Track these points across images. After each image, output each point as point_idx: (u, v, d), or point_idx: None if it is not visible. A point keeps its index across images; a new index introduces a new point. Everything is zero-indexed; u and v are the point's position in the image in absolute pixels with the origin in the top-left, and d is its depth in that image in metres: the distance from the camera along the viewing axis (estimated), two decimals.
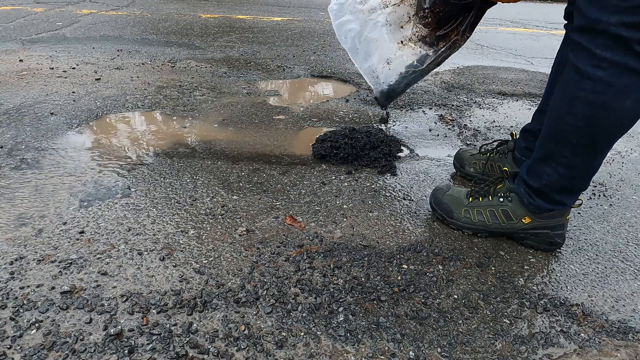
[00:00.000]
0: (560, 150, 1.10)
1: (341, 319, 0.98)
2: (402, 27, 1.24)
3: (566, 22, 1.25)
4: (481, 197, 1.29)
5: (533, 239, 1.25)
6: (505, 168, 1.33)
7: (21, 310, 0.94)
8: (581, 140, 1.06)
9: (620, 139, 2.10)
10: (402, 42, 1.25)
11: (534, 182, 1.18)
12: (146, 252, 1.13)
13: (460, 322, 1.00)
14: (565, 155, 1.10)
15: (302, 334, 0.94)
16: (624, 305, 1.09)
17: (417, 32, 1.23)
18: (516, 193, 1.24)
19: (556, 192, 1.17)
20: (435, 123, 2.13)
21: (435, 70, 1.63)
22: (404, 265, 1.16)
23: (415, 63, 1.26)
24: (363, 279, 1.10)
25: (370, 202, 1.43)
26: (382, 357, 0.90)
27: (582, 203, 1.25)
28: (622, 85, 0.96)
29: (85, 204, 1.31)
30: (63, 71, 2.50)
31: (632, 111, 1.00)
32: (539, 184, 1.17)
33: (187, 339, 0.91)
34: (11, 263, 1.07)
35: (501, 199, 1.26)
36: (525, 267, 1.19)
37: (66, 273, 1.05)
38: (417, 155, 1.79)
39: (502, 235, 1.29)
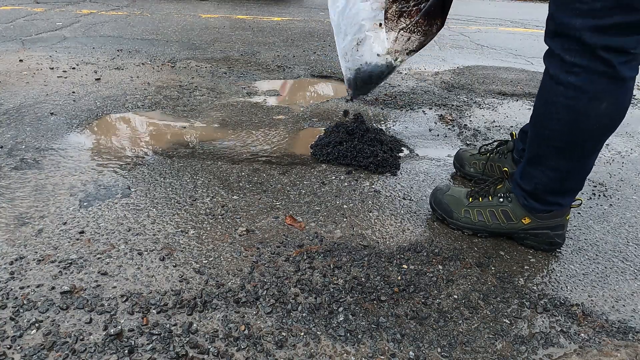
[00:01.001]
0: (546, 154, 1.11)
1: (341, 319, 0.98)
2: (382, 7, 1.17)
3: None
4: (481, 198, 1.29)
5: (533, 239, 1.24)
6: (505, 169, 1.33)
7: (21, 310, 0.94)
8: (565, 144, 1.06)
9: (620, 139, 2.10)
10: (376, 24, 1.19)
11: (526, 185, 1.19)
12: (146, 252, 1.13)
13: (460, 322, 1.00)
14: (551, 159, 1.10)
15: (302, 334, 0.94)
16: (624, 305, 1.09)
17: (388, 11, 1.16)
18: (515, 194, 1.24)
19: (548, 194, 1.17)
20: (435, 123, 2.13)
21: (434, 70, 1.62)
22: (404, 265, 1.16)
23: (381, 51, 1.21)
24: (363, 279, 1.10)
25: (370, 202, 1.43)
26: (382, 357, 0.90)
27: (581, 203, 1.25)
28: (594, 90, 0.96)
29: (85, 204, 1.31)
30: (63, 71, 2.50)
31: (609, 114, 1.00)
32: (530, 187, 1.18)
33: (187, 339, 0.91)
34: (11, 263, 1.07)
35: (501, 199, 1.25)
36: (525, 267, 1.19)
37: (66, 273, 1.05)
38: (417, 155, 1.79)
39: (502, 236, 1.29)
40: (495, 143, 1.59)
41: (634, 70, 0.97)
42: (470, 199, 1.30)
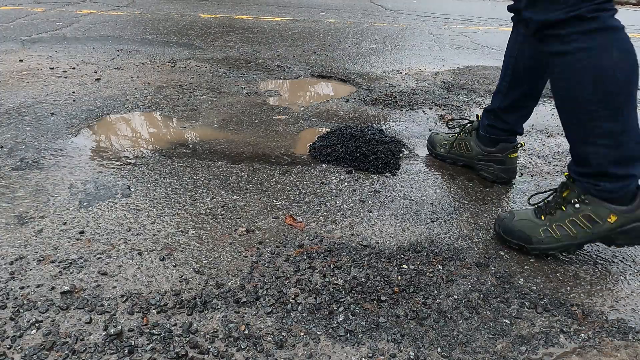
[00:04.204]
0: (588, 126, 1.10)
1: (341, 319, 0.98)
2: None
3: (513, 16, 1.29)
4: (553, 211, 1.20)
5: (625, 237, 1.15)
6: (566, 173, 1.23)
7: (21, 310, 0.94)
8: (601, 103, 1.07)
9: None
10: None
11: (586, 168, 1.14)
12: (146, 252, 1.13)
13: (460, 322, 1.00)
14: (596, 127, 1.09)
15: (302, 334, 0.94)
16: (624, 305, 1.09)
17: None
18: (589, 192, 1.16)
19: (613, 166, 1.11)
20: (435, 123, 2.13)
21: (434, 70, 1.64)
22: (404, 265, 1.16)
23: None
24: (363, 279, 1.10)
25: (370, 202, 1.43)
26: (382, 357, 0.90)
27: None
28: (598, 44, 1.05)
29: (85, 203, 1.31)
30: (63, 71, 2.50)
31: (624, 61, 1.06)
32: (592, 168, 1.13)
33: (187, 339, 0.91)
34: (11, 263, 1.07)
35: (577, 205, 1.17)
36: (525, 267, 1.19)
37: (66, 273, 1.05)
38: (417, 155, 1.79)
39: (592, 242, 1.20)
40: (465, 121, 1.70)
41: (619, 22, 1.07)
42: (542, 216, 1.22)
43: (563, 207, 1.19)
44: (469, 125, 1.67)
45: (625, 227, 1.14)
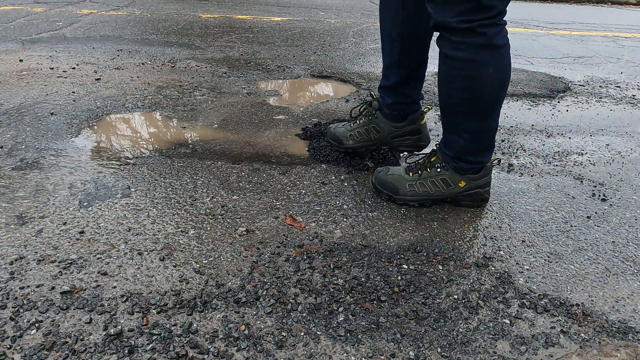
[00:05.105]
0: (457, 120, 1.31)
1: (341, 319, 0.98)
2: None
3: None
4: (420, 171, 1.42)
5: (468, 199, 1.42)
6: (437, 142, 1.44)
7: (21, 310, 0.94)
8: (469, 108, 1.27)
9: (620, 139, 2.11)
10: None
11: (449, 151, 1.37)
12: (146, 252, 1.13)
13: (460, 322, 1.00)
14: (462, 123, 1.30)
15: (302, 334, 0.94)
16: (624, 305, 1.09)
17: None
18: (448, 163, 1.39)
19: (469, 155, 1.35)
20: (435, 123, 2.13)
21: (435, 70, 1.64)
22: (404, 265, 1.16)
23: None
24: (363, 279, 1.10)
25: (370, 202, 1.43)
26: (382, 357, 0.90)
27: (500, 161, 1.49)
28: (480, 59, 1.20)
29: (85, 203, 1.31)
30: (63, 71, 2.50)
31: (497, 76, 1.24)
32: (453, 152, 1.36)
33: (187, 339, 0.91)
34: (11, 263, 1.07)
35: (439, 169, 1.40)
36: (525, 267, 1.19)
37: (66, 273, 1.05)
38: (417, 155, 1.78)
39: (443, 201, 1.43)
40: (363, 107, 1.67)
41: (505, 39, 1.22)
42: (411, 173, 1.42)
43: (428, 169, 1.41)
44: (368, 109, 1.64)
45: (470, 192, 1.41)
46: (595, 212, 1.48)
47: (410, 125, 1.61)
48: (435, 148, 1.44)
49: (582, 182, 1.67)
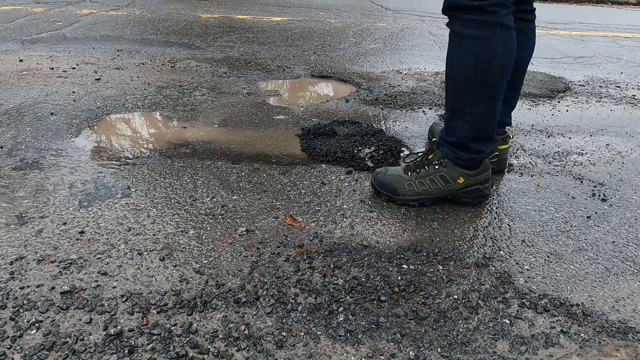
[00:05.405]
0: (464, 101, 1.31)
1: (341, 319, 0.98)
2: None
3: None
4: (418, 170, 1.42)
5: (468, 196, 1.42)
6: (434, 139, 1.45)
7: (21, 310, 0.94)
8: (475, 87, 1.28)
9: (620, 139, 2.11)
10: None
11: (451, 137, 1.37)
12: (146, 252, 1.13)
13: (460, 322, 1.00)
14: (467, 105, 1.31)
15: (302, 334, 0.94)
16: (624, 305, 1.09)
17: None
18: (447, 157, 1.39)
19: (471, 141, 1.35)
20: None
21: (434, 70, 1.64)
22: (404, 265, 1.16)
23: None
24: (363, 279, 1.10)
25: (370, 202, 1.43)
26: (382, 357, 0.90)
27: (498, 155, 1.53)
28: (490, 36, 1.22)
29: (85, 203, 1.31)
30: (63, 71, 2.50)
31: (503, 57, 1.24)
32: (456, 138, 1.36)
33: (187, 339, 0.91)
34: (11, 263, 1.07)
35: (437, 167, 1.40)
36: (525, 267, 1.19)
37: (66, 273, 1.05)
38: (416, 154, 1.78)
39: (443, 199, 1.43)
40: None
41: (512, 21, 1.25)
42: (409, 173, 1.42)
43: (426, 167, 1.42)
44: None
45: (469, 188, 1.41)
46: (595, 212, 1.48)
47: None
48: (434, 145, 1.44)
49: (582, 182, 1.67)
